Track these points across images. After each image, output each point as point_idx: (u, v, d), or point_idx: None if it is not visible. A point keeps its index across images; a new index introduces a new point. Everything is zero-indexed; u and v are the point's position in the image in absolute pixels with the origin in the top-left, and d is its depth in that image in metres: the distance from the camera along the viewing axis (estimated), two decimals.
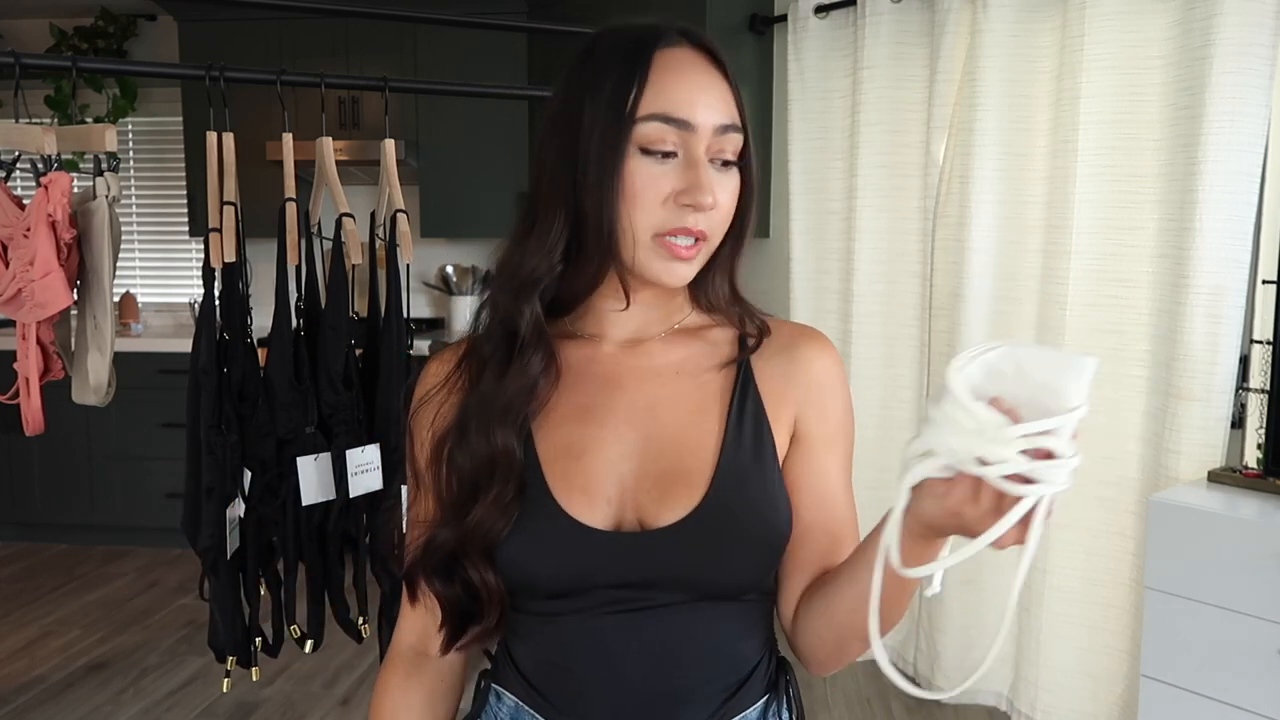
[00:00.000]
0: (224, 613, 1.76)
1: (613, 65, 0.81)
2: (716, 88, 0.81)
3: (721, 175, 0.82)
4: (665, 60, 0.81)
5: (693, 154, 0.80)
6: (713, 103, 0.81)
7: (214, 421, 1.68)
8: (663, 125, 0.79)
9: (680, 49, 0.82)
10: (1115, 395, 2.37)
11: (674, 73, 0.80)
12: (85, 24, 4.26)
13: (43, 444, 3.98)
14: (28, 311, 1.56)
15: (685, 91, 0.80)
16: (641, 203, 0.79)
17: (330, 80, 1.78)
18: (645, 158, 0.79)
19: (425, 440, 0.88)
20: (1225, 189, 2.12)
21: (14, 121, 1.62)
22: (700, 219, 0.80)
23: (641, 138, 0.79)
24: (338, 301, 1.73)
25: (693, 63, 0.82)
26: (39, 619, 3.38)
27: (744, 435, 0.85)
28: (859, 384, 2.91)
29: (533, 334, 0.85)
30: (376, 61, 3.87)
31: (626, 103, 0.79)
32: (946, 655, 2.74)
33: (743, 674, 0.86)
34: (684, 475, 0.83)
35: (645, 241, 0.80)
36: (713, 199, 0.80)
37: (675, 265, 0.81)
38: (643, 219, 0.80)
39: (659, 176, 0.79)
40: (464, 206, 3.96)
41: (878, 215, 2.84)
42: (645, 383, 0.87)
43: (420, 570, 0.87)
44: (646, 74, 0.80)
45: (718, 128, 0.80)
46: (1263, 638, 1.86)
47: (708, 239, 0.82)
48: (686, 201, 0.79)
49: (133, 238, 4.56)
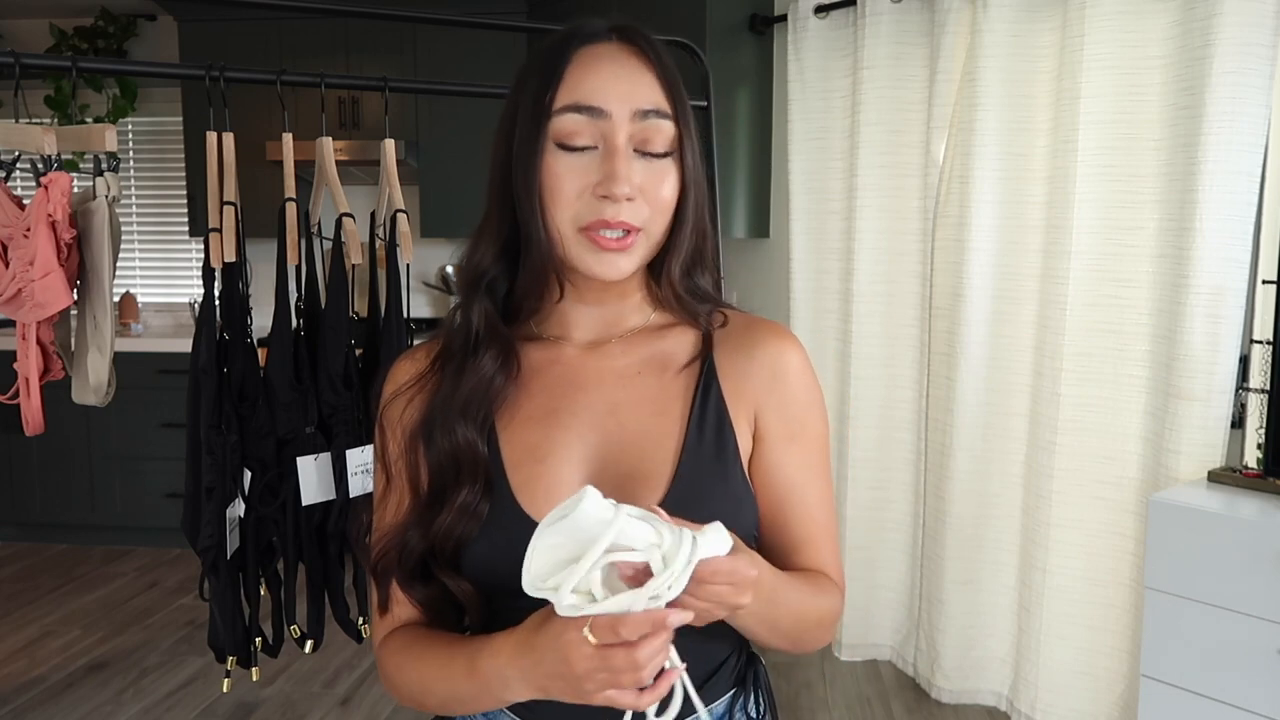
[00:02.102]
0: (224, 613, 1.76)
1: (536, 65, 0.82)
2: (637, 76, 0.81)
3: (652, 165, 0.81)
4: (583, 55, 0.81)
5: (610, 143, 0.79)
6: (629, 90, 0.80)
7: (214, 421, 1.68)
8: (576, 116, 0.79)
9: (602, 44, 0.82)
10: (1115, 395, 2.37)
11: (589, 66, 0.80)
12: (85, 24, 4.26)
13: (43, 444, 3.98)
14: (28, 311, 1.56)
15: (599, 80, 0.79)
16: (560, 197, 0.79)
17: (330, 80, 1.78)
18: (562, 152, 0.79)
19: (396, 436, 0.88)
20: (1225, 189, 2.12)
21: (14, 121, 1.62)
22: (622, 210, 0.79)
23: (557, 132, 0.79)
24: (338, 301, 1.73)
25: (612, 55, 0.81)
26: (39, 619, 3.38)
27: (705, 435, 0.85)
28: (859, 384, 2.91)
29: (485, 329, 0.86)
30: (376, 61, 3.87)
31: (544, 99, 0.80)
32: (946, 655, 2.74)
33: (710, 669, 0.88)
34: (644, 477, 0.83)
35: (571, 235, 0.80)
36: (629, 188, 0.78)
37: (606, 257, 0.80)
38: (562, 213, 0.80)
39: (577, 170, 0.79)
40: (464, 206, 3.96)
41: (878, 215, 2.84)
42: (608, 384, 0.87)
43: (396, 577, 0.87)
44: (564, 69, 0.80)
45: (636, 113, 0.79)
46: (1263, 638, 1.86)
47: (640, 230, 0.81)
48: (601, 193, 0.78)
49: (133, 238, 4.56)
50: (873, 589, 2.97)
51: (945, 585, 2.72)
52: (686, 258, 0.86)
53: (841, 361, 2.95)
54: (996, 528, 2.64)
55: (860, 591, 2.97)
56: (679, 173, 0.83)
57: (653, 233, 0.82)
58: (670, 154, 0.82)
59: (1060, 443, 2.44)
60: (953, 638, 2.73)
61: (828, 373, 3.01)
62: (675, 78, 0.82)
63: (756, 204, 3.27)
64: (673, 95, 0.82)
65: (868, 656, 3.03)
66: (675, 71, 0.83)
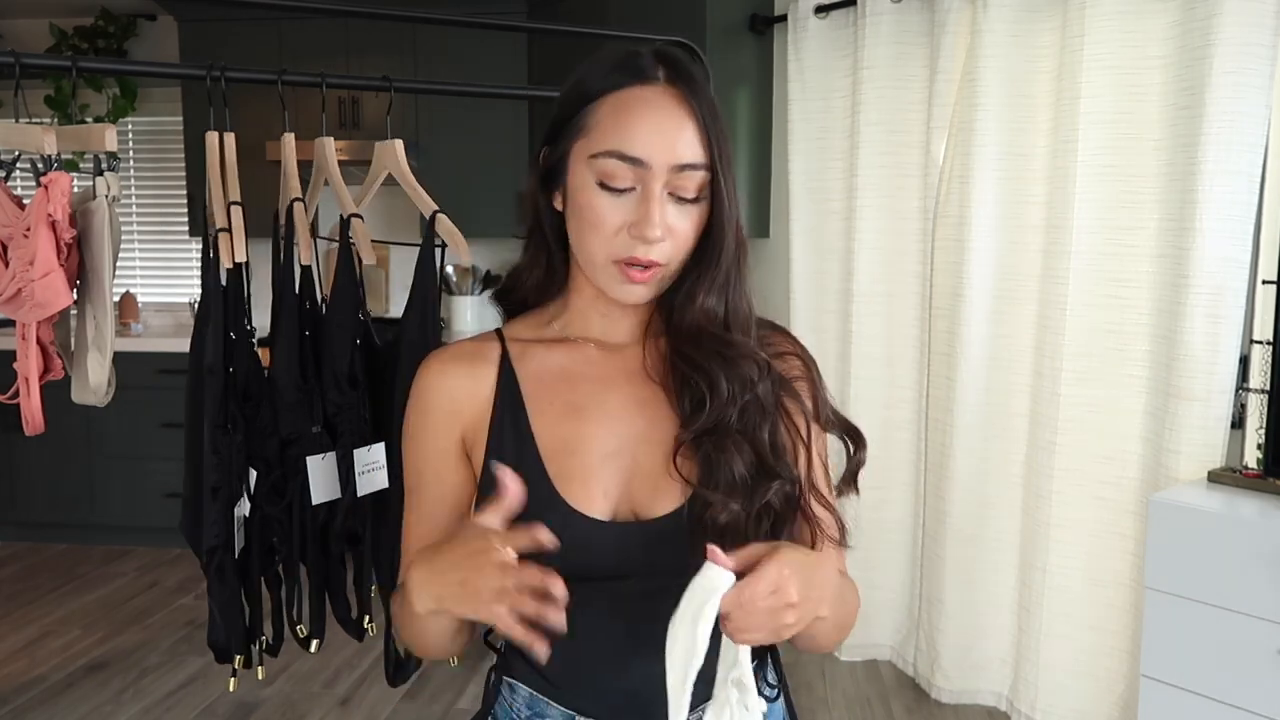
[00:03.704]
0: (227, 612, 1.76)
1: (584, 91, 0.88)
2: (679, 128, 0.85)
3: (680, 208, 0.86)
4: (630, 100, 0.86)
5: (648, 189, 0.85)
6: (671, 144, 0.85)
7: (220, 421, 1.68)
8: (618, 162, 0.84)
9: (650, 88, 0.86)
10: (1115, 395, 2.37)
11: (636, 113, 0.85)
12: (85, 24, 4.26)
13: (43, 444, 3.95)
14: (28, 311, 1.56)
15: (643, 132, 0.84)
16: (599, 232, 0.86)
17: (331, 80, 1.78)
18: (603, 191, 0.85)
19: (451, 443, 0.94)
20: (1225, 189, 2.12)
21: (14, 121, 1.62)
22: (652, 250, 0.85)
23: (600, 172, 0.85)
24: (344, 301, 1.73)
25: (658, 103, 0.86)
26: (39, 619, 3.38)
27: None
28: (859, 384, 2.91)
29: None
30: (376, 61, 3.87)
31: (589, 136, 0.86)
32: (946, 655, 2.74)
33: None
34: (672, 470, 0.88)
35: (603, 265, 0.87)
36: (660, 233, 0.85)
37: (630, 287, 0.87)
38: (600, 247, 0.86)
39: (615, 209, 0.85)
40: (464, 206, 3.93)
41: (878, 215, 2.84)
42: (632, 383, 0.92)
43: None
44: (609, 112, 0.86)
45: (674, 167, 0.85)
46: (1263, 638, 1.86)
47: (662, 265, 0.87)
48: (635, 234, 0.85)
49: (133, 238, 4.56)
50: (872, 589, 2.96)
51: (945, 585, 2.72)
52: (714, 295, 0.90)
53: (841, 361, 2.95)
54: (996, 528, 2.64)
55: (860, 591, 2.96)
56: (707, 212, 0.88)
57: (671, 266, 0.88)
58: (700, 199, 0.87)
59: (1060, 443, 2.44)
60: (952, 638, 2.73)
61: (828, 373, 2.98)
62: (717, 126, 0.87)
63: (756, 204, 3.27)
64: (711, 145, 0.86)
65: (868, 656, 3.03)
66: (717, 116, 0.87)
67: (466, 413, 0.92)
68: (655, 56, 0.88)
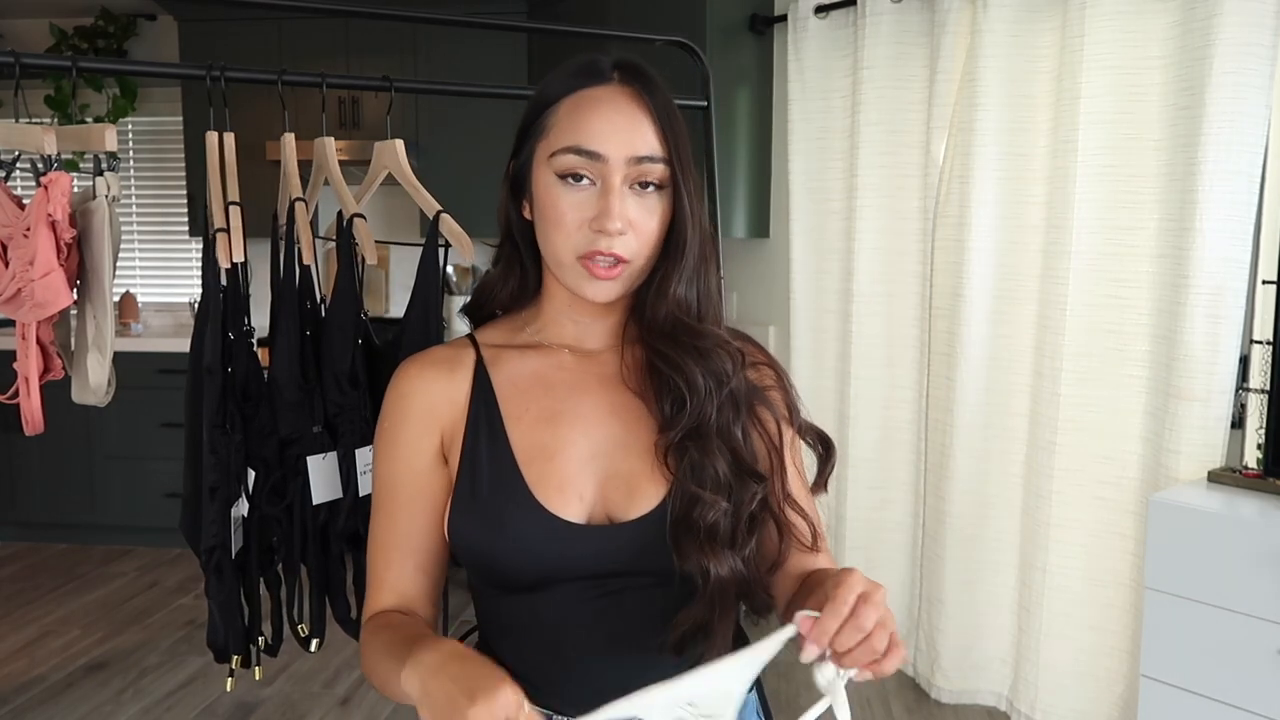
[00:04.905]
0: (227, 612, 1.76)
1: (544, 99, 0.91)
2: (634, 123, 0.88)
3: (642, 202, 0.88)
4: (586, 99, 0.89)
5: (607, 183, 0.87)
6: (627, 138, 0.87)
7: (218, 421, 1.68)
8: (576, 157, 0.87)
9: (606, 87, 0.89)
10: (1115, 395, 2.37)
11: (591, 110, 0.88)
12: (85, 24, 4.26)
13: (43, 444, 3.96)
14: (28, 311, 1.56)
15: (599, 127, 0.87)
16: (561, 229, 0.88)
17: (331, 80, 1.77)
18: (564, 187, 0.87)
19: (430, 447, 0.94)
20: (1225, 189, 2.12)
21: (14, 121, 1.62)
22: (615, 243, 0.86)
23: (559, 168, 0.88)
24: (345, 301, 1.73)
25: (613, 100, 0.88)
26: (39, 619, 3.38)
27: None
28: (859, 384, 2.91)
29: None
30: (377, 61, 3.87)
31: (548, 136, 0.89)
32: (946, 655, 2.74)
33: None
34: (647, 474, 0.89)
35: (569, 262, 0.88)
36: (620, 223, 0.86)
37: (597, 284, 0.88)
38: (563, 243, 0.88)
39: (577, 205, 0.87)
40: (464, 207, 3.92)
41: (878, 215, 2.84)
42: (606, 388, 0.94)
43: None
44: (567, 110, 0.89)
45: (631, 159, 0.87)
46: (1262, 638, 1.86)
47: (628, 261, 0.88)
48: (596, 228, 0.86)
49: (133, 238, 4.56)
50: None
51: (945, 585, 2.72)
52: (684, 285, 0.91)
53: (841, 361, 2.95)
54: (996, 528, 2.64)
55: None
56: (670, 207, 0.89)
57: (637, 263, 0.89)
58: (662, 188, 0.89)
59: (1060, 443, 2.44)
60: (953, 638, 2.73)
61: (828, 373, 3.01)
62: (672, 121, 0.89)
63: (756, 204, 3.27)
64: (668, 139, 0.88)
65: None
66: (673, 113, 0.90)
67: (445, 417, 0.93)
68: (612, 62, 0.90)
